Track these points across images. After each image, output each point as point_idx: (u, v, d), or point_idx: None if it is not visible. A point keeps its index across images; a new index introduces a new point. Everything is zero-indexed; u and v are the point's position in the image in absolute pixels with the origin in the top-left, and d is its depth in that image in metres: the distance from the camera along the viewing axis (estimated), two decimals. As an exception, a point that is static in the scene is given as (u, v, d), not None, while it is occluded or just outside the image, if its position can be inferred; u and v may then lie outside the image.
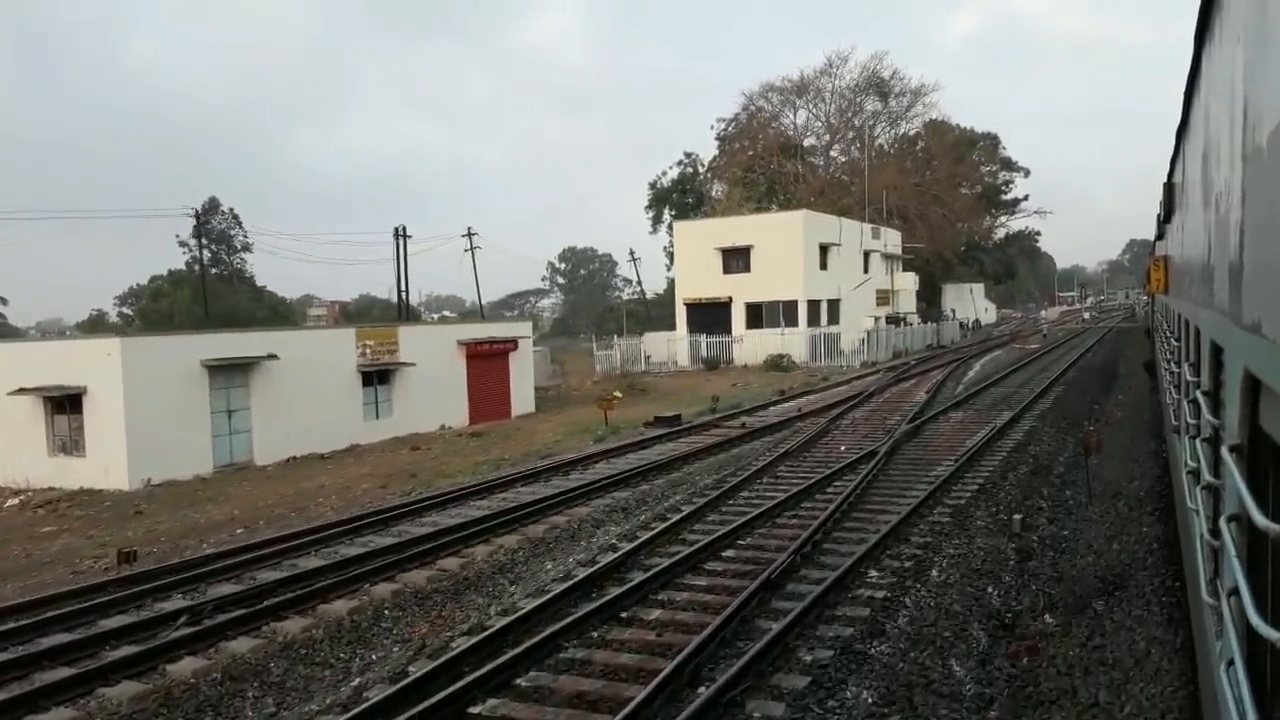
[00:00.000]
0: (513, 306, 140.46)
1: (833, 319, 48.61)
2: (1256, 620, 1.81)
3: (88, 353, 21.56)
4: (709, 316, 47.78)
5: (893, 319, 54.73)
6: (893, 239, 60.21)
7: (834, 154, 73.94)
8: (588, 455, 19.02)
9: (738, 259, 47.78)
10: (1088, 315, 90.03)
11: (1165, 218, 10.29)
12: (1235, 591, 2.14)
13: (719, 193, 72.57)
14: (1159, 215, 11.67)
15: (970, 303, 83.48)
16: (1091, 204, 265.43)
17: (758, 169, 68.55)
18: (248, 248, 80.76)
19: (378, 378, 24.80)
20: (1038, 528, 12.78)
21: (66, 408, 21.44)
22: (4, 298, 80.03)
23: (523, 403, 29.03)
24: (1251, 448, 2.56)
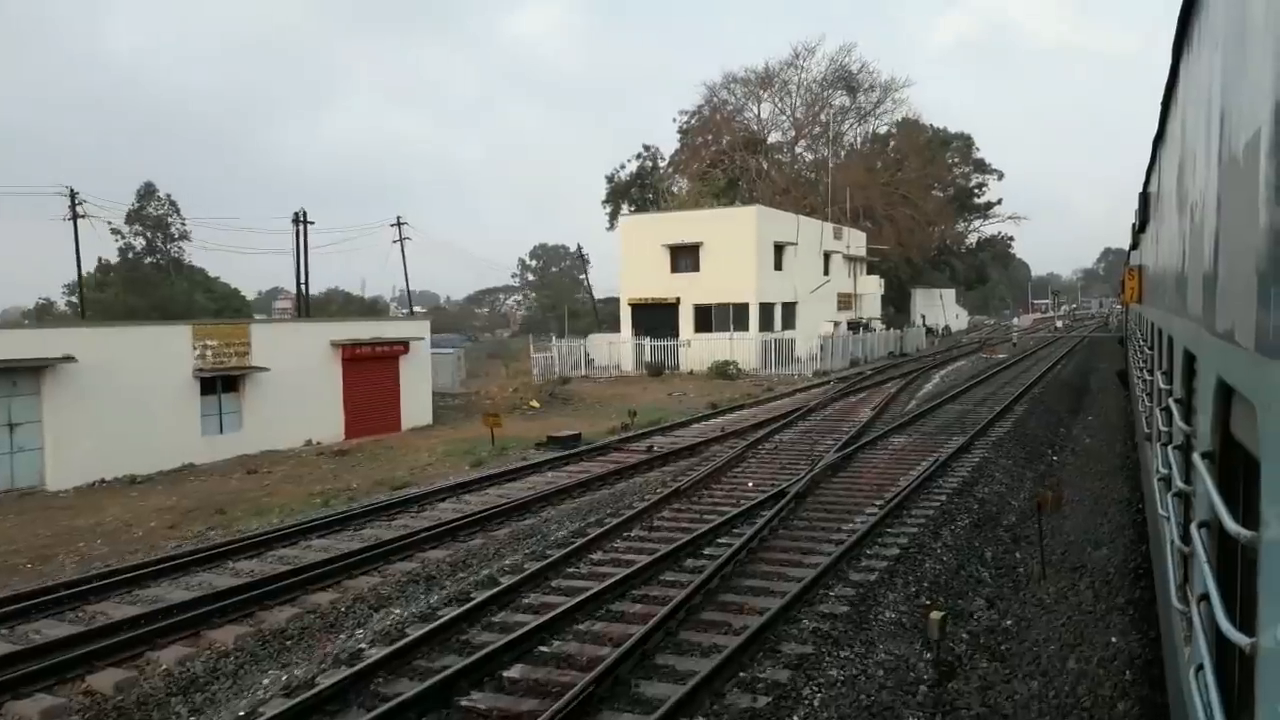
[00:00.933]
0: (482, 303, 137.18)
1: (788, 323, 45.23)
2: (1226, 626, 1.87)
3: None
4: (655, 318, 44.20)
5: (855, 324, 51.51)
6: (856, 240, 56.92)
7: (800, 150, 70.60)
8: (438, 490, 15.45)
9: (686, 257, 44.21)
10: (1060, 324, 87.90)
11: (1140, 227, 10.29)
12: (1205, 597, 2.23)
13: (680, 189, 69.14)
14: (1134, 225, 11.59)
15: (940, 309, 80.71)
16: (1069, 212, 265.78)
17: (720, 164, 65.10)
18: (185, 235, 76.59)
19: (222, 384, 20.89)
20: (971, 616, 9.43)
21: None
22: None
23: (417, 414, 25.20)
24: (1223, 454, 2.62)
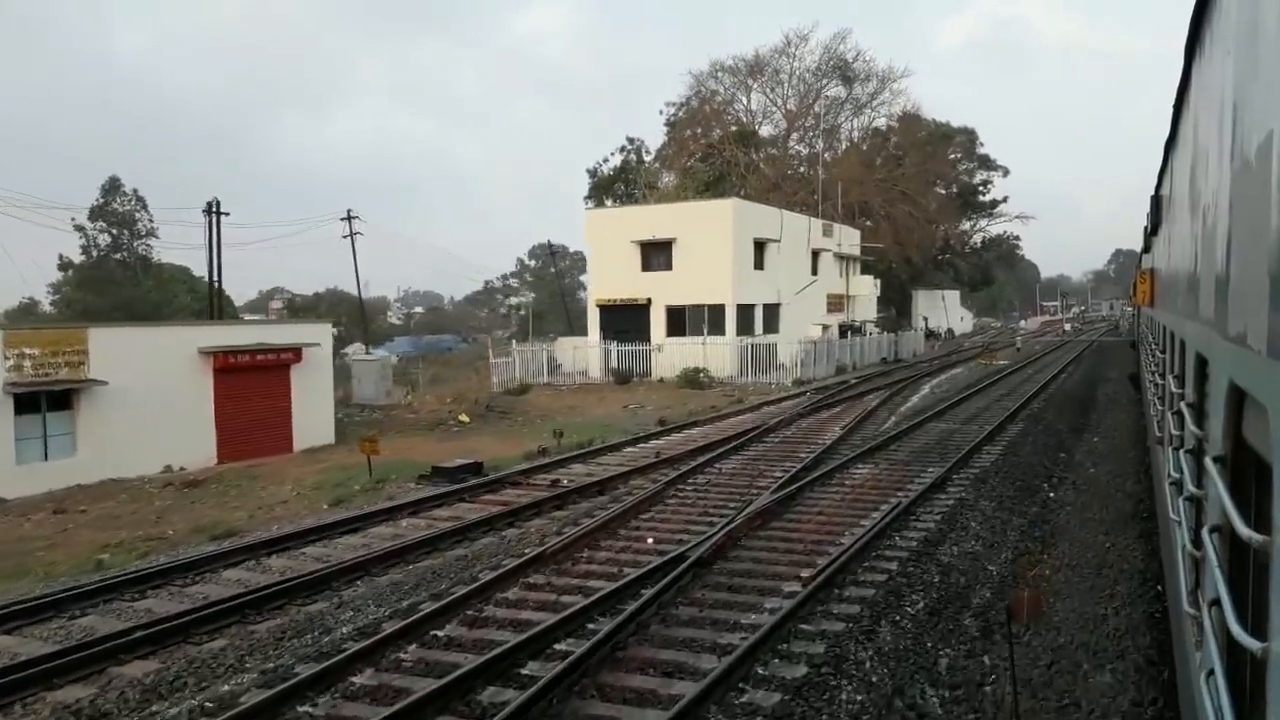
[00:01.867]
0: (482, 304, 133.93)
1: (770, 327, 41.53)
2: (1238, 630, 1.84)
3: None
4: (625, 321, 40.57)
5: (847, 328, 47.80)
6: (849, 237, 53.10)
7: (793, 144, 66.83)
8: (239, 549, 11.84)
9: (658, 254, 40.54)
10: (1068, 327, 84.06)
11: (1152, 230, 10.27)
12: (1217, 602, 2.20)
13: (667, 184, 65.52)
14: (1146, 227, 11.50)
15: (944, 311, 76.91)
16: (1079, 213, 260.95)
17: (709, 158, 61.46)
18: (153, 233, 73.47)
19: (48, 401, 17.40)
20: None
21: None
22: None
23: (314, 432, 21.61)
24: (1234, 459, 2.59)
